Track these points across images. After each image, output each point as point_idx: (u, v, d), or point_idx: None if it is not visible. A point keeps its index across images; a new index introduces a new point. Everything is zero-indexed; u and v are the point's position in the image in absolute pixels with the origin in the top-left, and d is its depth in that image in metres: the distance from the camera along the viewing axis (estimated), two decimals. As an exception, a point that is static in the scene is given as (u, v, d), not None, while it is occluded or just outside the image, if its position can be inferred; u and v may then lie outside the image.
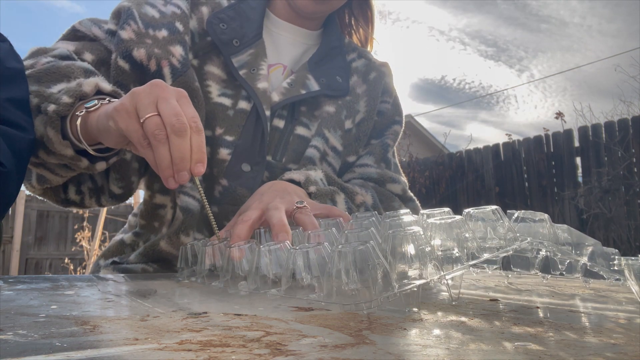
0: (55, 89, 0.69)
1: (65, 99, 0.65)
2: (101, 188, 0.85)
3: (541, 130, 7.05)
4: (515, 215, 0.57)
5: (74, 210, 0.84)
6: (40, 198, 0.82)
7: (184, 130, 0.56)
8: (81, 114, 0.65)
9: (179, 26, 0.84)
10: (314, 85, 0.93)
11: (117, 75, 0.80)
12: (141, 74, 0.80)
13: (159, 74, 0.79)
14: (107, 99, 0.67)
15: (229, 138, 0.84)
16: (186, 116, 0.57)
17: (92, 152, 0.68)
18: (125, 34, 0.80)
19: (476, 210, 0.54)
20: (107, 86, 0.69)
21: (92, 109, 0.64)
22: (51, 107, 0.65)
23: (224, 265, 0.57)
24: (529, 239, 0.52)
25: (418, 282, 0.44)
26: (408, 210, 0.65)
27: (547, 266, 0.62)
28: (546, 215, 0.56)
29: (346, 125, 0.96)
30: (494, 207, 0.54)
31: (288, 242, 0.56)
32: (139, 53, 0.79)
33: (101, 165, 0.71)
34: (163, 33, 0.82)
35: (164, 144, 0.56)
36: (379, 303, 0.42)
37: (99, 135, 0.64)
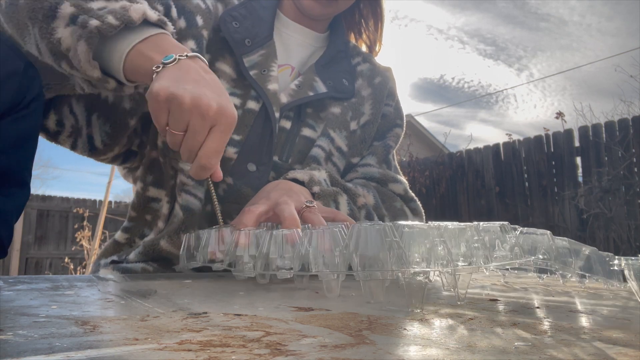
0: (94, 4, 0.63)
1: (111, 19, 0.60)
2: (80, 129, 0.81)
3: (541, 130, 7.06)
4: (519, 230, 0.59)
5: (45, 138, 0.79)
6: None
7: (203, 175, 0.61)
8: (157, 69, 0.59)
9: (199, 20, 0.83)
10: (321, 87, 0.94)
11: None
12: None
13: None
14: (185, 53, 0.62)
15: (236, 137, 0.84)
16: (206, 149, 0.59)
17: (125, 83, 0.64)
18: None
19: (484, 225, 0.56)
20: (153, 15, 0.64)
21: (170, 63, 0.59)
22: (94, 22, 0.60)
23: (229, 250, 0.57)
24: (532, 257, 0.56)
25: (430, 269, 0.47)
26: (417, 223, 0.66)
27: (544, 269, 0.64)
28: (548, 232, 0.59)
29: (351, 126, 0.97)
30: (502, 223, 0.56)
31: (299, 229, 0.57)
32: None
33: (129, 89, 0.68)
34: (181, 24, 0.81)
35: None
36: (394, 276, 0.46)
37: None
